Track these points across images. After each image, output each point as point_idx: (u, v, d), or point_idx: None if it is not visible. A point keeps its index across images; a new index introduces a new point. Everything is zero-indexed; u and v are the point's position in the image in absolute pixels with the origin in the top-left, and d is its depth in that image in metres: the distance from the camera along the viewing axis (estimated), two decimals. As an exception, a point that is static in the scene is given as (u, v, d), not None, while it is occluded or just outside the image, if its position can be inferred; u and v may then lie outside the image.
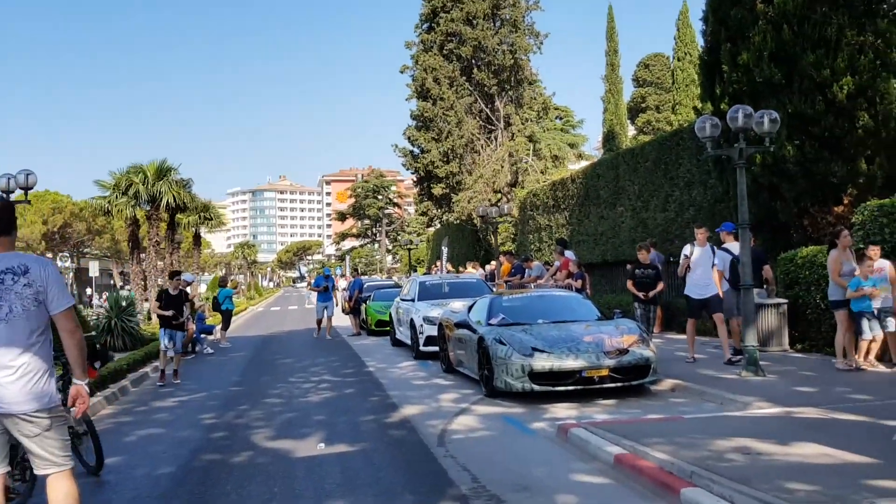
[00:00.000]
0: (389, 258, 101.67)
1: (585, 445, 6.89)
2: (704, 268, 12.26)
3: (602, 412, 8.87)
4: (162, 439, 8.58)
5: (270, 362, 15.97)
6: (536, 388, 9.45)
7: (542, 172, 34.78)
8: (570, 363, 9.40)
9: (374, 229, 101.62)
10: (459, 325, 11.36)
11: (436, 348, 14.38)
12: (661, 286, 12.53)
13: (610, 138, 28.78)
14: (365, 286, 25.88)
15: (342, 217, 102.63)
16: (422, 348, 14.93)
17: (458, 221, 35.29)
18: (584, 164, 28.88)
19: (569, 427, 7.47)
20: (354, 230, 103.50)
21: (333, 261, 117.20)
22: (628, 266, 17.52)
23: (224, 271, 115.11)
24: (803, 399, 8.41)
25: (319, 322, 21.44)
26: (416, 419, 8.91)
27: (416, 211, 42.08)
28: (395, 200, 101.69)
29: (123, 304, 18.29)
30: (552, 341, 9.80)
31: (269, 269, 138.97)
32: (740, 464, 5.62)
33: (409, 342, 16.17)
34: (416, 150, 36.51)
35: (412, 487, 6.09)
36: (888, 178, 14.05)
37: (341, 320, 23.63)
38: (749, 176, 15.31)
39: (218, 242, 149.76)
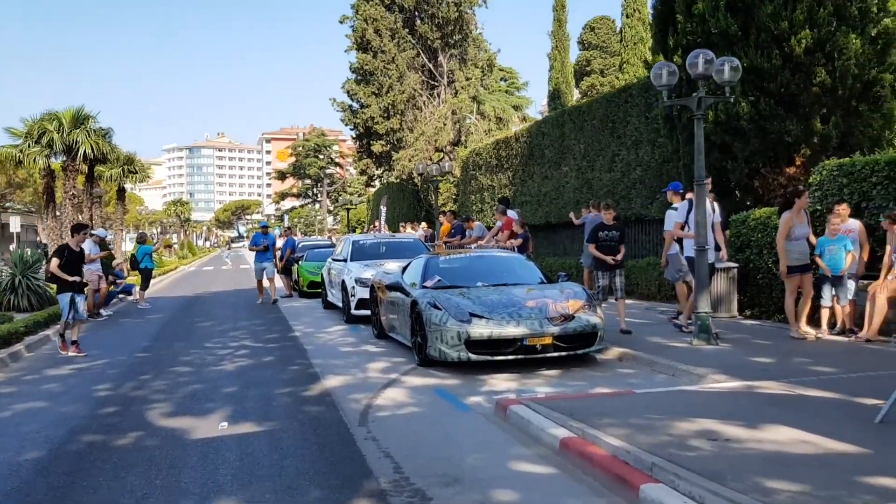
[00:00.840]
0: (330, 219, 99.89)
1: (527, 426, 6.01)
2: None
3: (545, 384, 8.02)
4: (41, 415, 7.42)
5: (189, 326, 14.76)
6: (473, 357, 8.55)
7: (486, 133, 33.76)
8: (511, 330, 8.52)
9: (314, 189, 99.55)
10: (392, 287, 10.37)
11: (368, 312, 13.40)
12: (623, 249, 11.26)
13: (556, 97, 27.93)
14: (299, 245, 24.70)
15: (282, 176, 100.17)
16: (353, 312, 13.93)
17: (398, 180, 34.10)
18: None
19: (508, 403, 6.58)
20: (295, 190, 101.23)
21: (273, 220, 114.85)
22: (578, 224, 16.80)
23: (159, 229, 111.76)
24: (762, 371, 7.69)
25: (260, 284, 19.06)
26: (338, 392, 7.93)
27: (355, 169, 40.63)
28: (337, 160, 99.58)
29: (29, 260, 16.77)
30: (492, 306, 8.89)
31: (204, 227, 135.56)
32: (707, 453, 4.79)
33: (340, 305, 15.14)
34: (356, 105, 35.00)
35: (321, 479, 5.11)
36: (843, 139, 13.46)
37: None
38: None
39: (154, 200, 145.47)
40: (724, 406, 6.13)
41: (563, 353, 8.71)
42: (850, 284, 9.79)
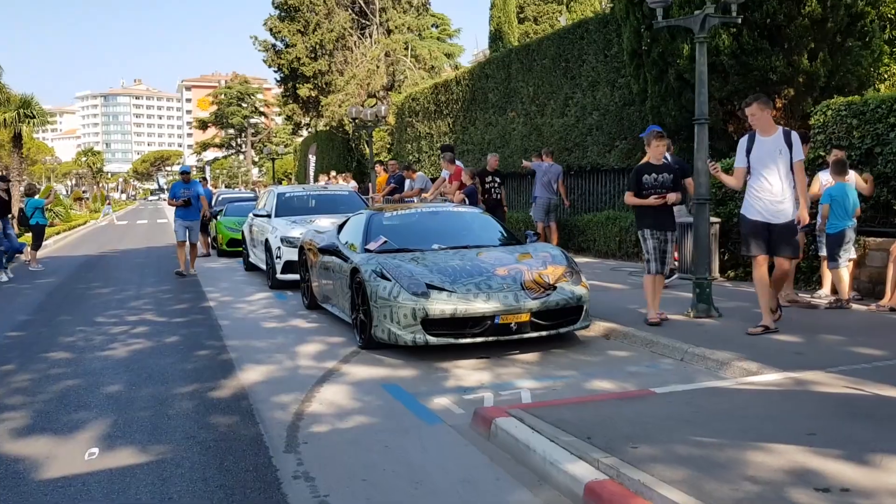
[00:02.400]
0: (255, 171, 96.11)
1: (525, 454, 4.26)
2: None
3: (525, 375, 6.28)
4: None
5: (82, 293, 12.52)
6: (432, 340, 6.75)
7: (420, 81, 31.54)
8: (480, 306, 6.73)
9: (238, 139, 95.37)
10: (326, 250, 8.44)
11: (294, 276, 11.46)
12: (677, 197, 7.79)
13: (497, 38, 25.94)
14: (217, 198, 22.37)
15: (204, 126, 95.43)
16: (279, 276, 11.95)
17: (327, 128, 31.67)
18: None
19: (490, 415, 4.81)
20: (217, 140, 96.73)
21: (195, 172, 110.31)
22: (527, 170, 15.08)
23: (73, 181, 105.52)
24: (796, 356, 6.12)
25: (183, 248, 14.41)
26: (259, 392, 6.04)
27: (280, 114, 37.84)
28: (262, 109, 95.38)
29: None
30: (454, 275, 7.08)
31: (120, 179, 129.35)
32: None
33: (264, 267, 13.12)
34: (280, 45, 32.20)
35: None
36: (829, 78, 12.00)
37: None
38: (673, 72, 13.04)
39: (67, 151, 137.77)
40: (790, 418, 4.50)
41: (544, 333, 6.99)
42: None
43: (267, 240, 12.47)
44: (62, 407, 5.82)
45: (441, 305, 6.70)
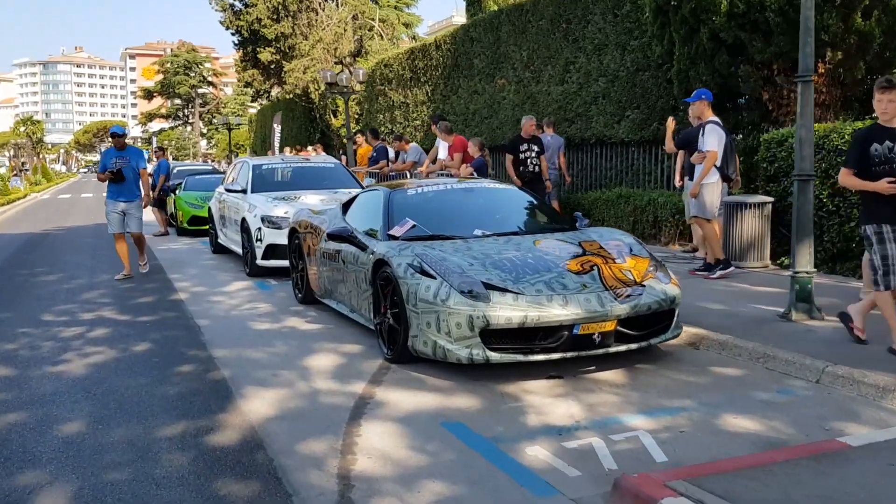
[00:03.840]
0: (204, 143, 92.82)
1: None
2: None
3: (627, 407, 4.76)
4: None
5: (24, 282, 10.62)
6: (495, 357, 5.18)
7: (384, 49, 29.62)
8: (557, 312, 5.18)
9: (186, 110, 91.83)
10: (337, 236, 6.75)
11: (281, 263, 9.80)
12: None
13: (474, 2, 24.19)
14: (174, 171, 20.36)
15: (149, 95, 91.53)
16: (259, 262, 10.24)
17: (290, 95, 29.58)
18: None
19: (649, 494, 3.27)
20: (163, 110, 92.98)
21: (140, 144, 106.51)
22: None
23: (11, 152, 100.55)
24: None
25: (120, 241, 10.61)
26: (277, 436, 4.42)
27: (239, 80, 35.42)
28: (211, 79, 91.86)
29: None
30: (514, 270, 5.52)
31: (62, 150, 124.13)
32: None
33: (238, 250, 11.38)
34: (238, 5, 29.94)
35: None
36: (886, 37, 10.67)
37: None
38: (706, 31, 11.59)
39: (4, 120, 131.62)
40: None
41: (633, 346, 5.48)
42: None
43: (244, 219, 10.71)
44: (-1, 464, 4.13)
45: (507, 312, 5.14)
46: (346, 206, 7.85)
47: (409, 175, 13.10)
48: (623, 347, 5.40)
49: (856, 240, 8.80)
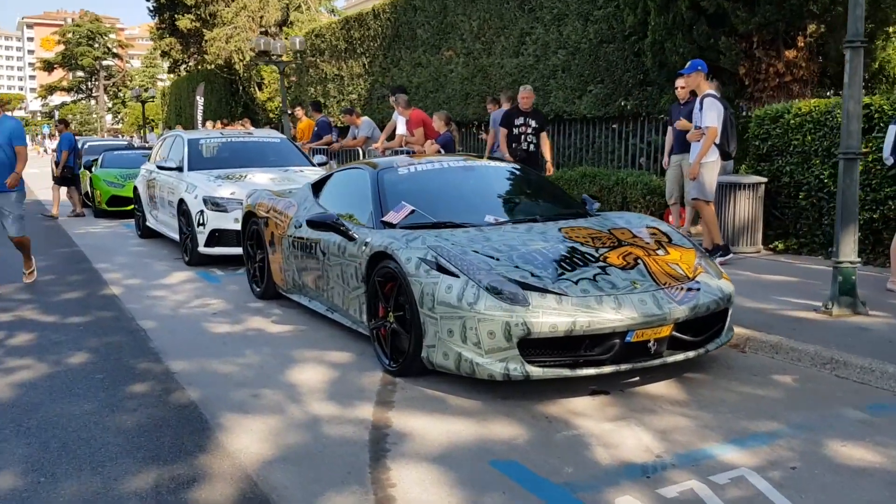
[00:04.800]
0: (109, 117, 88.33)
1: None
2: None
3: (706, 432, 3.91)
4: None
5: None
6: (537, 373, 4.26)
7: (309, 21, 28.06)
8: (610, 316, 4.28)
9: (89, 83, 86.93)
10: (318, 223, 5.65)
11: (228, 250, 8.71)
12: None
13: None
14: (84, 146, 18.63)
15: (49, 67, 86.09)
16: (202, 249, 9.03)
17: (211, 66, 27.71)
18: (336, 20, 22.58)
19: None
20: (65, 83, 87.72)
21: (40, 118, 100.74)
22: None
23: None
24: None
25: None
26: (284, 493, 3.38)
27: (154, 48, 33.16)
28: (116, 51, 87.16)
29: None
30: (547, 265, 4.61)
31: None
32: None
33: (173, 235, 10.11)
34: (155, -32, 27.86)
35: None
36: (871, 8, 10.18)
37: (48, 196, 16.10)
38: (685, 0, 10.90)
39: None
40: None
41: (691, 354, 4.64)
42: None
43: (182, 201, 9.44)
44: None
45: (551, 317, 4.21)
46: (316, 188, 6.77)
47: (361, 153, 12.00)
48: (680, 356, 4.56)
49: (860, 224, 8.25)
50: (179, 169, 10.03)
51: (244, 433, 4.03)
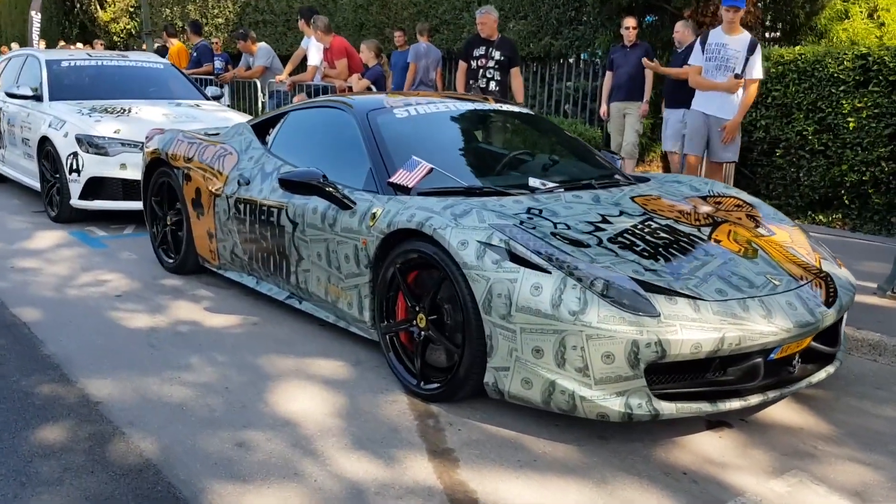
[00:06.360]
0: None
1: None
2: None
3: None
4: None
5: None
6: (669, 410, 3.02)
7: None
8: (763, 328, 3.09)
9: None
10: (296, 183, 4.03)
11: (105, 204, 7.01)
12: None
13: None
14: None
15: None
16: (76, 202, 7.11)
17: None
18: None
19: None
20: None
21: None
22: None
23: None
24: None
25: None
26: None
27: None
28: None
29: None
30: (656, 254, 3.36)
31: None
32: None
33: (30, 182, 8.03)
34: None
35: None
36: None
37: None
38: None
39: None
40: None
41: (831, 370, 3.56)
42: None
43: (44, 139, 7.37)
44: None
45: (693, 332, 2.98)
46: (261, 128, 5.13)
47: (259, 86, 10.12)
48: (822, 374, 3.47)
49: (846, 186, 7.58)
50: (37, 98, 7.89)
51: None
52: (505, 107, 4.94)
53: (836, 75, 7.45)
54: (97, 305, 4.86)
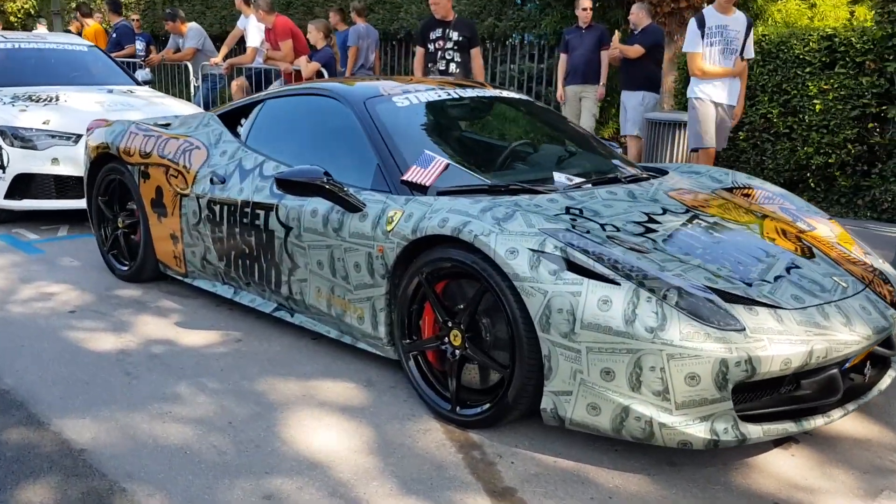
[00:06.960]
0: None
1: None
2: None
3: None
4: None
5: None
6: (756, 434, 2.73)
7: None
8: (846, 337, 2.83)
9: None
10: (295, 183, 3.53)
11: (35, 204, 6.31)
12: None
13: None
14: None
15: None
16: (1, 203, 6.37)
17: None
18: None
19: None
20: None
21: None
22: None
23: None
24: None
25: None
26: None
27: None
28: None
29: None
30: (718, 260, 3.06)
31: None
32: None
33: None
34: None
35: None
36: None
37: None
38: None
39: None
40: None
41: (894, 374, 3.34)
42: None
43: (-42, 132, 6.56)
44: None
45: (782, 347, 2.68)
46: (228, 121, 4.59)
47: (191, 70, 9.37)
48: (888, 380, 3.25)
49: (811, 169, 7.54)
50: (-54, 84, 7.03)
51: None
52: (505, 93, 4.53)
53: (801, 57, 7.37)
54: (49, 325, 4.24)
